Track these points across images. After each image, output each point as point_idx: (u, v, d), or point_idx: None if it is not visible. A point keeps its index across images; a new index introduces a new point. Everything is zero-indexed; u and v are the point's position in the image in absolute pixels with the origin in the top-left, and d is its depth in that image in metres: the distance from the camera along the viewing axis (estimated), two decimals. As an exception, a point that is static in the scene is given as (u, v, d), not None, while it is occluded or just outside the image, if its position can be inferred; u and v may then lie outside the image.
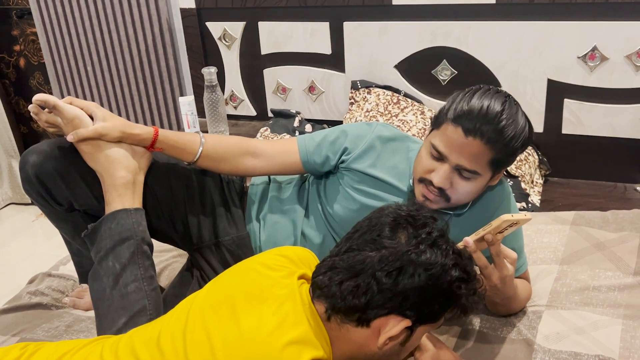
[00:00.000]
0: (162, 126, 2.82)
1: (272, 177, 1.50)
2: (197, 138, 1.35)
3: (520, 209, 1.84)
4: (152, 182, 1.35)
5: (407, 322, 0.90)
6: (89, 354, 0.97)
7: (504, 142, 1.14)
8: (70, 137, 1.24)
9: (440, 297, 0.91)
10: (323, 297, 0.92)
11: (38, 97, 1.22)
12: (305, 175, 1.49)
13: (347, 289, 0.89)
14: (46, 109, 1.26)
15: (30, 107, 1.24)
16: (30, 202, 3.27)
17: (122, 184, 1.26)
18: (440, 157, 1.18)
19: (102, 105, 2.84)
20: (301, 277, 0.99)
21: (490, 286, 1.15)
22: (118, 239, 1.22)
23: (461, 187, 1.19)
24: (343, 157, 1.36)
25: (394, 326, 0.89)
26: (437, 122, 1.21)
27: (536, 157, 2.10)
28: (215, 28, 2.49)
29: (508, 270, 1.15)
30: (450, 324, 1.33)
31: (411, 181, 1.31)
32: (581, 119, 2.05)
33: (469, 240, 1.07)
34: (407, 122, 2.11)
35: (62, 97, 2.87)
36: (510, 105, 1.17)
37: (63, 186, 1.28)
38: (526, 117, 1.19)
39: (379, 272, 0.88)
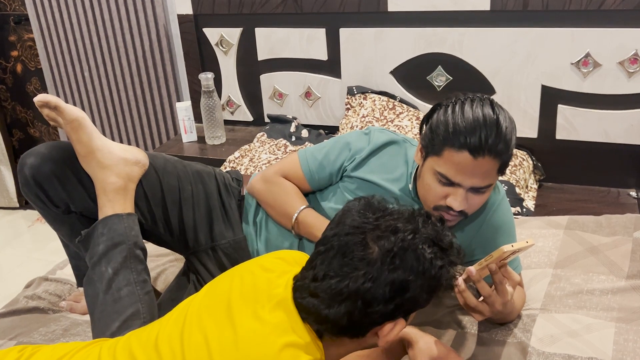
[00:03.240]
0: (158, 131, 2.83)
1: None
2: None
3: (515, 214, 1.85)
4: (147, 186, 1.36)
5: (402, 324, 0.91)
6: (87, 356, 0.97)
7: (509, 147, 1.15)
8: None
9: (426, 293, 0.90)
10: (313, 321, 0.91)
11: (40, 97, 1.23)
12: None
13: (337, 315, 0.88)
14: None
15: (35, 99, 1.24)
16: (18, 206, 3.29)
17: (113, 190, 1.27)
18: (451, 183, 1.17)
19: (99, 111, 2.87)
20: (296, 277, 1.00)
21: (493, 312, 1.15)
22: (110, 244, 1.23)
23: (477, 201, 1.20)
24: (345, 165, 1.38)
25: (390, 330, 0.90)
26: (432, 148, 1.18)
27: (530, 162, 2.11)
28: (212, 34, 2.50)
29: (510, 295, 1.15)
30: (447, 322, 1.35)
31: (410, 186, 1.32)
32: (575, 125, 2.07)
33: (472, 270, 1.07)
34: (402, 128, 2.12)
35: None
36: (499, 110, 1.15)
37: (60, 188, 1.29)
38: (506, 111, 1.18)
39: (366, 294, 0.87)
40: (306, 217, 1.35)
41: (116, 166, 1.29)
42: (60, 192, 1.29)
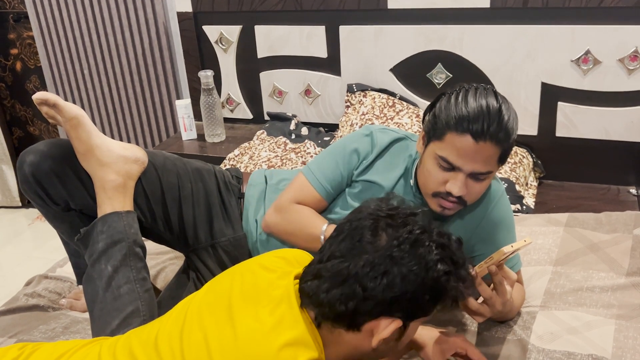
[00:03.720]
0: (158, 129, 2.83)
1: (268, 178, 1.52)
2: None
3: (514, 211, 1.85)
4: (147, 183, 1.36)
5: (398, 323, 0.90)
6: (87, 354, 0.97)
7: (510, 137, 1.16)
8: None
9: (428, 294, 0.90)
10: (312, 305, 0.92)
11: (39, 95, 1.23)
12: None
13: (334, 297, 0.89)
14: None
15: (33, 97, 1.24)
16: (20, 205, 3.28)
17: (112, 187, 1.27)
18: (451, 168, 1.18)
19: (98, 108, 2.87)
20: (297, 277, 1.00)
21: (493, 312, 1.15)
22: (110, 241, 1.23)
23: (476, 189, 1.21)
24: (352, 171, 1.38)
25: (385, 327, 0.90)
26: (436, 133, 1.19)
27: (530, 159, 2.11)
28: (211, 32, 2.50)
29: (509, 294, 1.15)
30: (447, 320, 1.34)
31: (411, 181, 1.32)
32: (575, 122, 2.07)
33: (473, 272, 1.07)
34: (402, 125, 2.12)
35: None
36: (501, 100, 1.18)
37: (59, 185, 1.29)
38: (508, 102, 1.20)
39: (364, 278, 0.88)
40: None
41: (115, 164, 1.29)
42: (60, 190, 1.29)
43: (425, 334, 1.16)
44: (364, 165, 1.36)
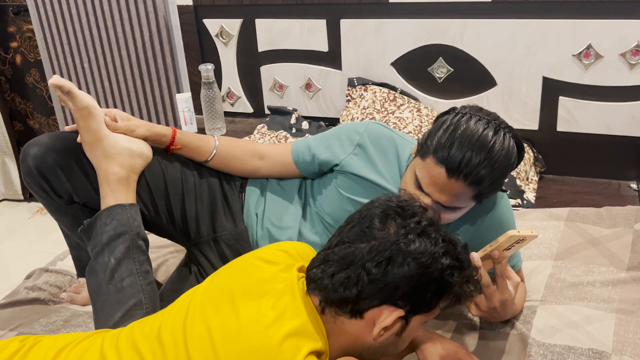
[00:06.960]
0: (158, 122, 2.82)
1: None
2: (212, 140, 1.43)
3: (515, 206, 1.85)
4: (151, 177, 1.36)
5: (399, 312, 0.90)
6: (89, 347, 0.97)
7: (489, 180, 1.12)
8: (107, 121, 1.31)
9: (432, 286, 0.91)
10: (317, 290, 0.93)
11: (55, 80, 1.22)
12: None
13: (338, 280, 0.90)
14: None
15: (50, 81, 1.24)
16: (22, 198, 3.28)
17: (115, 180, 1.27)
18: (422, 190, 1.17)
19: (99, 102, 2.86)
20: (300, 270, 1.00)
21: (490, 307, 1.13)
22: (113, 234, 1.23)
23: (445, 216, 1.19)
24: (336, 161, 1.37)
25: (387, 316, 0.90)
26: (422, 150, 1.17)
27: (531, 154, 2.11)
28: (212, 25, 2.49)
29: (510, 294, 1.14)
30: (447, 313, 1.34)
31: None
32: (576, 117, 2.07)
33: (475, 255, 1.06)
34: (403, 120, 2.12)
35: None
36: (501, 139, 1.11)
37: (63, 178, 1.28)
38: (516, 143, 1.15)
39: (369, 263, 0.89)
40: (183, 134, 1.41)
41: (120, 156, 1.29)
42: (64, 183, 1.29)
43: (428, 336, 1.15)
44: (349, 154, 1.35)
